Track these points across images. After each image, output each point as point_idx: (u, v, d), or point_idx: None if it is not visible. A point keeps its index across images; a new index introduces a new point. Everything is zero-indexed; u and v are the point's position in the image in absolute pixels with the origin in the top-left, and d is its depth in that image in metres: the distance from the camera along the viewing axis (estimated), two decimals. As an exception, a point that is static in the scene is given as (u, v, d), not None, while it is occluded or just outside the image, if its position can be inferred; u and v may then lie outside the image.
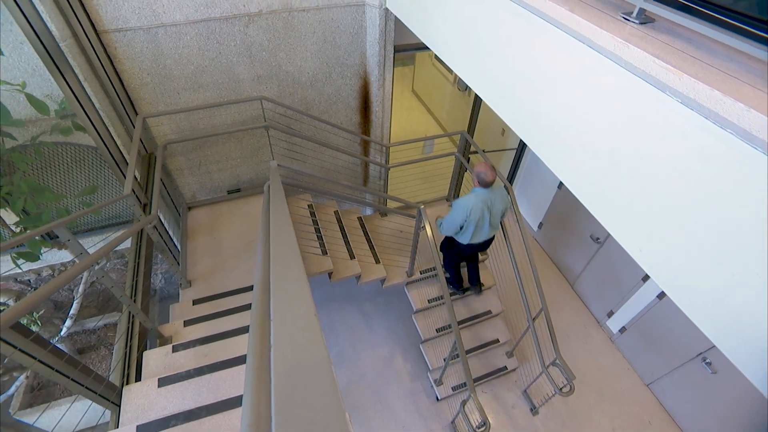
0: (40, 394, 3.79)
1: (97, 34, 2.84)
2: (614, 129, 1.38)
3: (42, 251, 3.07)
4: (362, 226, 4.28)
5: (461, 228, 3.31)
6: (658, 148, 1.22)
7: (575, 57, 1.51)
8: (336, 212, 4.19)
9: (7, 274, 4.09)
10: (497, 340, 4.18)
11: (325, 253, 3.55)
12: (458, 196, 5.34)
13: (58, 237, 3.49)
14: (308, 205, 3.95)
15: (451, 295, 4.06)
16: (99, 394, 1.87)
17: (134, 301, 2.44)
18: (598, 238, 4.32)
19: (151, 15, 2.89)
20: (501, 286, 4.71)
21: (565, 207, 4.81)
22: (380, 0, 3.16)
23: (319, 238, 3.68)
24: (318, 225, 3.80)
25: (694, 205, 1.13)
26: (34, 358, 1.52)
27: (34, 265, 4.19)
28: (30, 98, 2.34)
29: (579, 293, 4.90)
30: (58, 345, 3.47)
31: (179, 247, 3.63)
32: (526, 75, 1.80)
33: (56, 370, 1.61)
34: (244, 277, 3.19)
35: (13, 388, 2.97)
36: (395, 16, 3.23)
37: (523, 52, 1.80)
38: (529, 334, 3.61)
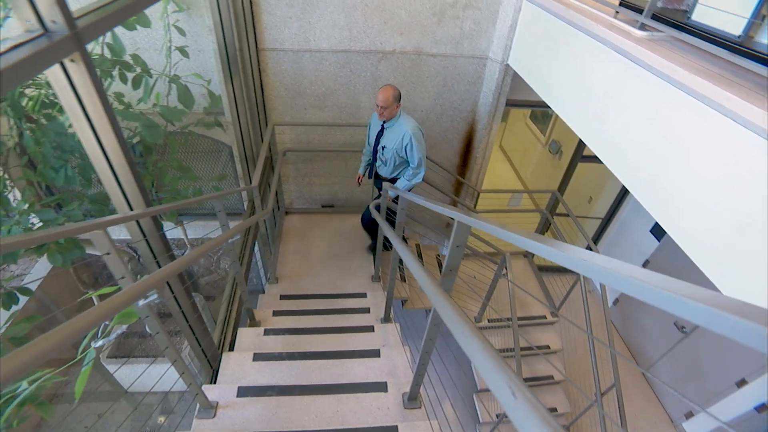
0: (124, 348, 4.18)
1: (257, 51, 3.32)
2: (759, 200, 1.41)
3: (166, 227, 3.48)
4: (439, 264, 4.36)
5: None
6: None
7: (718, 130, 1.56)
8: (417, 245, 4.32)
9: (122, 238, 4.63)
10: (555, 409, 3.97)
11: (403, 280, 3.66)
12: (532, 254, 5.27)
13: (180, 215, 3.93)
14: (404, 237, 4.14)
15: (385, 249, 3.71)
16: (206, 356, 2.07)
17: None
18: (683, 327, 4.05)
19: (303, 41, 3.33)
20: (566, 354, 4.50)
21: (650, 288, 4.57)
22: (503, 56, 3.39)
23: (400, 262, 3.81)
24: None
25: None
26: (180, 308, 1.76)
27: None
28: (210, 93, 2.78)
29: (652, 383, 4.54)
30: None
31: (271, 247, 3.93)
32: (656, 142, 1.87)
33: (189, 324, 1.83)
34: (327, 284, 3.38)
35: (113, 336, 3.30)
36: (513, 72, 3.45)
37: (658, 121, 1.87)
38: (590, 411, 3.40)
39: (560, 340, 4.19)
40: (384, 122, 2.95)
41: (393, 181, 3.18)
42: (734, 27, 1.66)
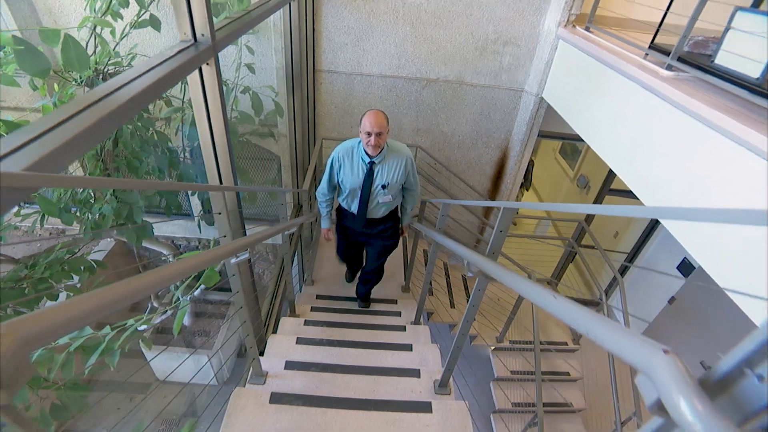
0: (161, 337, 4.45)
1: (314, 71, 3.70)
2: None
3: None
4: (465, 283, 4.52)
5: None
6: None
7: (739, 161, 1.74)
8: (445, 264, 4.52)
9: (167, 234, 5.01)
10: (573, 438, 3.98)
11: (431, 293, 3.84)
12: (558, 283, 5.36)
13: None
14: (423, 250, 4.35)
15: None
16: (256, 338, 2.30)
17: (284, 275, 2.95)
18: (710, 367, 4.03)
19: (356, 65, 3.70)
20: (587, 383, 4.51)
21: (673, 325, 4.59)
22: (538, 89, 3.66)
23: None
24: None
25: None
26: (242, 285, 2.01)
27: (189, 234, 5.07)
28: (276, 105, 3.14)
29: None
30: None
31: (310, 251, 4.20)
32: (682, 172, 2.05)
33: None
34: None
35: (158, 320, 3.58)
36: (547, 105, 3.70)
37: (683, 153, 2.06)
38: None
39: (581, 369, 4.23)
40: (373, 158, 2.34)
41: (387, 219, 2.70)
42: (754, 70, 1.87)
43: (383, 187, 2.43)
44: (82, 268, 2.57)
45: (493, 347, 4.19)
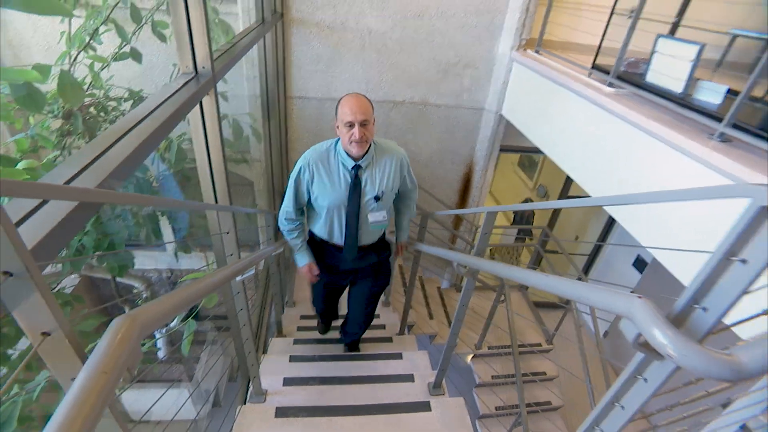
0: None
1: (285, 98, 3.83)
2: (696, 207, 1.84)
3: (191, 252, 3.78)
4: (440, 295, 4.68)
5: None
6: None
7: (668, 158, 2.03)
8: (420, 277, 4.66)
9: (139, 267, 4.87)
10: (554, 435, 4.15)
11: (410, 306, 3.96)
12: (528, 288, 5.63)
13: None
14: (399, 265, 4.49)
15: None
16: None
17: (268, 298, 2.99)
18: (668, 354, 4.36)
19: (326, 90, 3.87)
20: (562, 381, 4.73)
21: (635, 318, 4.92)
22: (497, 107, 3.96)
23: (406, 293, 4.13)
24: (405, 281, 4.28)
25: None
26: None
27: (160, 266, 4.96)
28: (254, 129, 3.23)
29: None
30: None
31: (290, 273, 4.23)
32: (625, 171, 2.34)
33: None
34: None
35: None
36: (506, 121, 4.00)
37: (626, 155, 2.35)
38: None
39: (556, 367, 4.45)
40: (358, 161, 1.78)
41: (377, 245, 2.07)
42: (677, 86, 2.19)
43: (376, 199, 1.82)
44: (60, 302, 2.52)
45: (472, 355, 4.34)
